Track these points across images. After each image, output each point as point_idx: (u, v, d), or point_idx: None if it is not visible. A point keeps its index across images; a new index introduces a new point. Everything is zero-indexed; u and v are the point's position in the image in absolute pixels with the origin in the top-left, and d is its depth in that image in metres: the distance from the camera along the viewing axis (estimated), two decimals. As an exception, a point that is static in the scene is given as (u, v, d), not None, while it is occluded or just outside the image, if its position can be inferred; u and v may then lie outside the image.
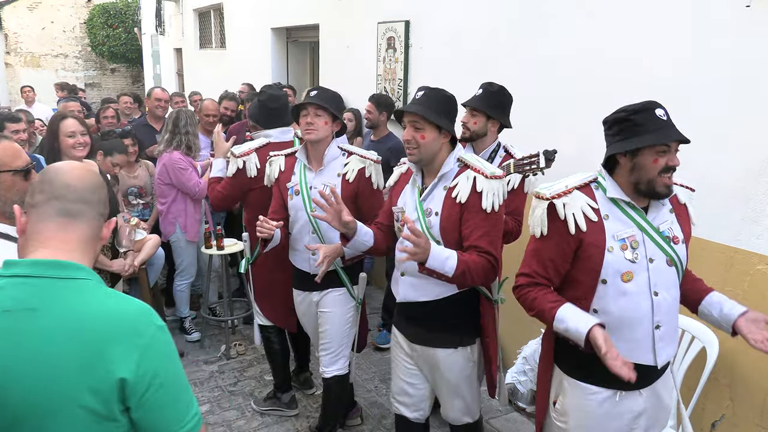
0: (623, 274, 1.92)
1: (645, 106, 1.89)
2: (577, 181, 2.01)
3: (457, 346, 2.38)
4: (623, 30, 3.09)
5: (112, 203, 3.12)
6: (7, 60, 16.06)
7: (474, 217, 2.21)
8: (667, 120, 1.88)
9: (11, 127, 4.05)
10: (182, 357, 4.26)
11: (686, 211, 2.07)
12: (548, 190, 2.00)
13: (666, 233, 1.96)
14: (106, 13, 15.84)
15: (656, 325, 1.95)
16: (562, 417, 2.10)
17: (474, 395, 2.52)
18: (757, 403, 2.64)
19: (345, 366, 3.03)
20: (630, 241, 1.93)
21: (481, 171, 2.24)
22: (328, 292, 2.94)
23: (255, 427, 3.48)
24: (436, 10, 4.42)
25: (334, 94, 2.88)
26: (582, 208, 1.95)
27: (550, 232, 1.99)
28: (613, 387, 1.96)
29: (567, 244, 1.96)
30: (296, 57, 7.57)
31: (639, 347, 1.95)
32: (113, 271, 3.14)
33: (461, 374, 2.43)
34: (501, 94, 3.02)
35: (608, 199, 1.97)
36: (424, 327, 2.41)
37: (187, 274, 4.51)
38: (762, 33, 2.51)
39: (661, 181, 1.88)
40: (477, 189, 2.21)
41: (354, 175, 2.79)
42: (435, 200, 2.31)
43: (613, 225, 1.95)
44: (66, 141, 2.93)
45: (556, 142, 3.43)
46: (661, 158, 1.87)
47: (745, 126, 2.60)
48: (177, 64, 12.01)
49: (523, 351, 3.68)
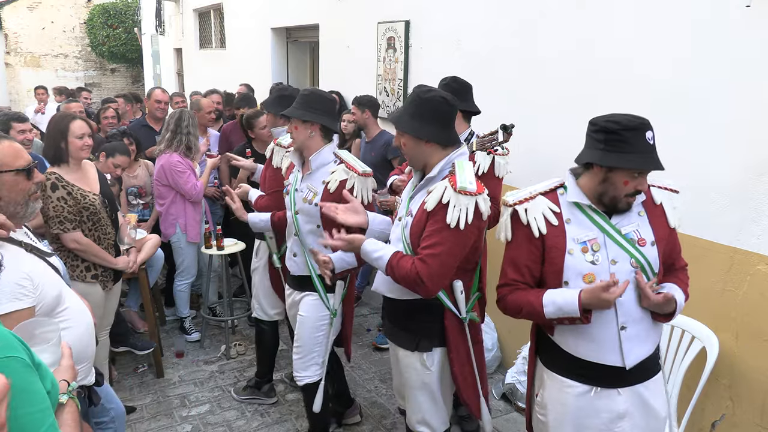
0: (584, 276, 1.96)
1: (638, 126, 1.86)
2: (543, 187, 2.08)
3: (413, 349, 2.34)
4: (623, 30, 3.09)
5: (111, 202, 3.14)
6: (7, 60, 16.07)
7: (431, 225, 2.14)
8: (652, 145, 1.88)
9: (18, 127, 4.05)
10: (182, 357, 4.27)
11: (662, 212, 2.04)
12: (513, 197, 2.07)
13: (630, 235, 1.97)
14: (106, 13, 15.85)
15: (621, 326, 1.96)
16: (542, 410, 2.14)
17: (432, 408, 2.40)
18: (757, 403, 2.64)
19: (317, 373, 2.93)
20: (591, 244, 1.96)
21: (454, 183, 2.12)
22: (306, 294, 2.91)
23: (255, 427, 3.48)
24: (436, 10, 4.42)
25: (310, 97, 2.75)
26: (543, 212, 2.01)
27: (519, 239, 2.05)
28: (589, 383, 2.01)
29: (536, 247, 2.02)
30: (296, 57, 7.57)
31: (605, 348, 1.97)
32: (117, 269, 3.14)
33: (417, 379, 2.37)
34: (453, 82, 3.11)
35: (571, 203, 2.00)
36: (391, 322, 2.45)
37: (188, 275, 4.52)
38: (762, 33, 2.51)
39: (625, 201, 1.94)
40: (443, 201, 2.12)
41: (335, 186, 2.71)
42: (415, 202, 2.29)
43: (575, 228, 1.99)
44: (75, 143, 2.92)
45: (555, 142, 3.44)
46: (632, 181, 1.90)
47: (745, 126, 2.60)
48: (177, 64, 12.01)
49: (522, 351, 3.68)
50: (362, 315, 4.99)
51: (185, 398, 3.76)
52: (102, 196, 3.04)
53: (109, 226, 3.08)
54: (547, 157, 3.50)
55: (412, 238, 2.22)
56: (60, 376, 1.42)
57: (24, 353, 1.21)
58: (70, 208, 2.90)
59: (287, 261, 2.99)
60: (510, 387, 3.67)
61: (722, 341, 2.67)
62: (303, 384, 2.97)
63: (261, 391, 3.72)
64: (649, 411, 2.06)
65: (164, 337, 4.53)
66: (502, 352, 4.09)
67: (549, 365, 2.11)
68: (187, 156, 4.25)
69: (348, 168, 2.72)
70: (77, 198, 2.91)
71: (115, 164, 3.89)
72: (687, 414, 2.64)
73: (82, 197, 2.93)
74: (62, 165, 2.96)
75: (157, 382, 3.95)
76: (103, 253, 3.04)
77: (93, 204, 2.96)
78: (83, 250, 2.96)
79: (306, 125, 2.73)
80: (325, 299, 2.86)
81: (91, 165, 3.15)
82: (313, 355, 2.92)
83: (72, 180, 2.94)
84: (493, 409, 3.66)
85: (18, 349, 1.19)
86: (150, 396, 3.78)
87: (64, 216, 2.89)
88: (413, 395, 2.42)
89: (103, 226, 3.04)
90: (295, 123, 2.75)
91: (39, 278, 1.94)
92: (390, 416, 3.55)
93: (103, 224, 3.04)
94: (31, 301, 1.87)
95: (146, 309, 3.99)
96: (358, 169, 2.71)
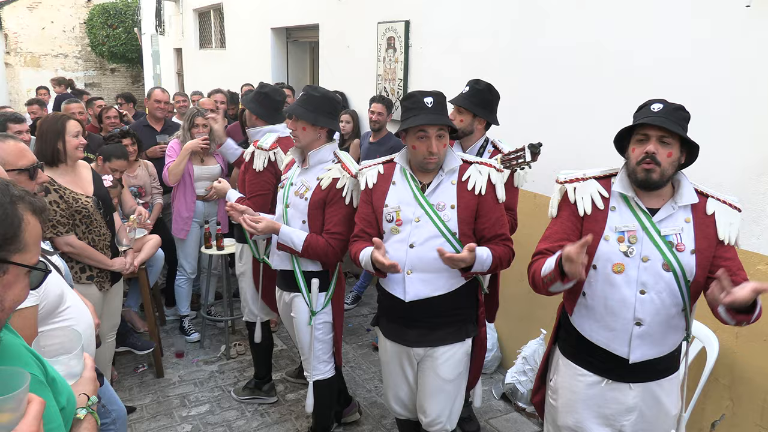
0: (614, 264, 1.98)
1: (648, 102, 1.97)
2: (599, 172, 2.12)
3: (463, 338, 2.44)
4: (623, 30, 3.09)
5: (106, 204, 3.12)
6: (7, 60, 16.06)
7: (492, 208, 2.36)
8: (658, 111, 1.91)
9: (14, 128, 4.04)
10: (182, 357, 4.27)
11: (713, 223, 1.98)
12: (565, 175, 2.13)
13: (669, 238, 1.96)
14: (106, 13, 15.84)
15: (637, 321, 1.97)
16: (553, 394, 2.21)
17: (459, 401, 2.54)
18: (757, 403, 2.64)
19: (327, 370, 2.98)
20: (629, 236, 1.98)
21: (492, 165, 2.38)
22: (295, 295, 2.91)
23: (255, 427, 3.48)
24: (436, 11, 4.42)
25: (321, 100, 2.75)
26: (591, 194, 2.05)
27: (563, 216, 2.10)
28: (600, 374, 2.06)
29: (575, 227, 2.07)
30: (296, 57, 7.57)
31: (617, 338, 2.01)
32: (114, 270, 3.13)
33: (454, 372, 2.45)
34: (487, 92, 3.05)
35: (619, 192, 2.03)
36: (426, 327, 2.41)
37: (183, 270, 4.56)
38: (762, 33, 2.51)
39: (641, 170, 1.93)
40: (492, 181, 2.35)
41: (327, 183, 2.74)
42: (445, 194, 2.35)
43: (617, 217, 2.01)
44: (72, 141, 2.92)
45: (556, 142, 3.44)
46: (638, 147, 1.94)
47: (745, 126, 2.60)
48: (177, 64, 12.01)
49: (523, 351, 3.68)
50: (362, 315, 4.99)
51: (185, 398, 3.76)
52: (96, 198, 3.02)
53: (104, 228, 3.06)
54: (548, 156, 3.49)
55: (463, 224, 2.36)
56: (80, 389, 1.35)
57: (37, 369, 1.18)
58: (63, 211, 2.87)
59: (271, 256, 3.00)
60: (510, 387, 3.66)
61: (722, 341, 2.67)
62: (313, 381, 2.99)
63: (262, 391, 3.72)
64: (660, 407, 2.08)
65: (164, 337, 4.52)
66: (502, 353, 4.09)
67: (565, 352, 2.17)
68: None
69: (343, 168, 2.74)
70: (69, 202, 2.89)
71: (112, 168, 3.88)
72: (687, 414, 2.64)
73: (75, 200, 2.90)
74: (57, 166, 2.93)
75: (157, 382, 3.95)
76: (98, 255, 3.02)
77: (85, 207, 2.93)
78: (77, 253, 2.94)
79: (315, 129, 2.74)
80: (306, 297, 2.85)
81: (86, 166, 3.13)
82: (317, 353, 2.93)
83: (65, 183, 2.92)
84: (493, 409, 3.66)
85: (30, 365, 1.17)
86: (150, 396, 3.78)
87: (57, 220, 2.86)
88: (447, 391, 2.47)
89: (97, 228, 3.02)
90: (303, 124, 2.74)
91: None
92: (390, 416, 3.55)
93: (97, 226, 3.02)
94: (35, 299, 1.88)
95: (146, 309, 3.99)
96: (352, 171, 2.72)
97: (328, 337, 2.95)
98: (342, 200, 2.72)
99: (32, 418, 1.20)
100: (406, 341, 2.48)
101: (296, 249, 2.73)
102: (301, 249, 2.72)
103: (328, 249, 2.71)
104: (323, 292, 2.87)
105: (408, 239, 2.34)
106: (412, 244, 2.34)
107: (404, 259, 2.34)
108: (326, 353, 2.96)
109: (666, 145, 1.90)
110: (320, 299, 2.87)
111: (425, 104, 2.28)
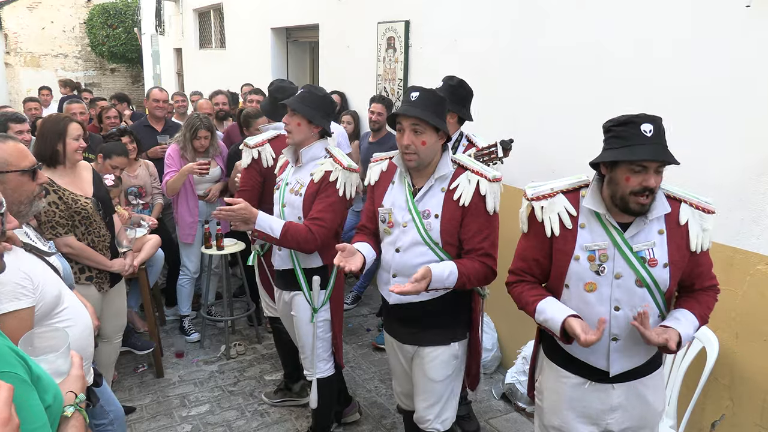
0: (586, 283, 1.96)
1: (630, 120, 1.82)
2: (567, 185, 2.04)
3: (448, 342, 2.40)
4: (623, 30, 3.08)
5: (106, 205, 3.12)
6: (7, 60, 16.06)
7: (476, 220, 2.24)
8: (651, 136, 1.78)
9: (15, 128, 4.04)
10: (182, 357, 4.27)
11: (686, 233, 1.94)
12: (533, 190, 2.05)
13: (642, 254, 1.91)
14: (106, 13, 15.85)
15: (613, 337, 1.98)
16: (539, 395, 2.23)
17: (452, 401, 2.49)
18: (757, 403, 2.64)
19: (327, 368, 2.99)
20: (599, 254, 1.94)
21: (483, 174, 2.25)
22: (295, 294, 2.91)
23: (255, 427, 3.48)
24: (436, 11, 4.42)
25: (322, 100, 2.79)
26: (559, 213, 1.99)
27: (532, 233, 2.08)
28: (584, 377, 2.06)
29: (545, 245, 2.04)
30: (296, 57, 7.57)
31: (595, 352, 2.01)
32: (113, 271, 3.13)
33: (443, 373, 2.42)
34: (460, 87, 3.12)
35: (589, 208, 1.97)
36: (417, 326, 2.42)
37: (187, 271, 4.56)
38: (762, 33, 2.51)
39: (634, 201, 1.84)
40: (480, 192, 2.23)
41: (320, 176, 2.75)
42: (432, 202, 2.29)
43: (587, 235, 1.96)
44: (72, 144, 2.92)
45: (556, 142, 3.44)
46: (634, 177, 1.81)
47: (745, 126, 2.59)
48: (177, 64, 12.01)
49: (523, 351, 3.68)
50: (362, 315, 4.99)
51: (185, 398, 3.76)
52: (96, 199, 3.02)
53: (104, 229, 3.06)
54: (546, 157, 3.50)
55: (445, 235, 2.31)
56: (67, 387, 1.36)
57: (21, 368, 1.18)
58: (62, 212, 2.87)
59: (273, 256, 2.98)
60: (510, 387, 3.66)
61: (722, 341, 2.67)
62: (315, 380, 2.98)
63: (292, 392, 3.66)
64: (644, 404, 2.08)
65: (164, 337, 4.52)
66: (502, 352, 4.09)
67: (548, 354, 2.17)
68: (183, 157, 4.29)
69: (335, 161, 2.77)
70: (68, 203, 2.88)
71: (113, 165, 3.88)
72: (687, 414, 2.64)
73: (74, 201, 2.90)
74: (56, 168, 2.93)
75: (157, 382, 3.95)
76: (97, 256, 3.01)
77: (84, 208, 2.93)
78: (76, 254, 2.94)
79: (310, 126, 2.77)
80: (307, 295, 2.86)
81: (86, 167, 3.12)
82: (318, 351, 2.94)
83: (64, 184, 2.92)
84: (493, 409, 3.66)
85: (14, 364, 1.17)
86: (150, 396, 3.78)
87: (56, 221, 2.86)
88: (434, 391, 2.44)
89: (97, 230, 3.02)
90: (299, 120, 2.76)
91: (39, 278, 1.94)
92: (390, 416, 3.55)
93: (97, 227, 3.01)
94: (31, 300, 1.88)
95: (146, 309, 3.99)
96: (343, 163, 2.75)
97: (328, 335, 2.96)
98: (332, 190, 2.72)
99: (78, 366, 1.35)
100: (398, 337, 2.51)
101: (274, 235, 2.65)
102: (278, 235, 2.65)
103: (308, 235, 2.65)
104: (323, 290, 2.87)
105: (395, 243, 2.35)
106: (398, 249, 2.34)
107: (391, 262, 2.36)
108: (326, 351, 2.98)
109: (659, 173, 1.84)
110: (321, 296, 2.87)
111: (409, 98, 2.23)
